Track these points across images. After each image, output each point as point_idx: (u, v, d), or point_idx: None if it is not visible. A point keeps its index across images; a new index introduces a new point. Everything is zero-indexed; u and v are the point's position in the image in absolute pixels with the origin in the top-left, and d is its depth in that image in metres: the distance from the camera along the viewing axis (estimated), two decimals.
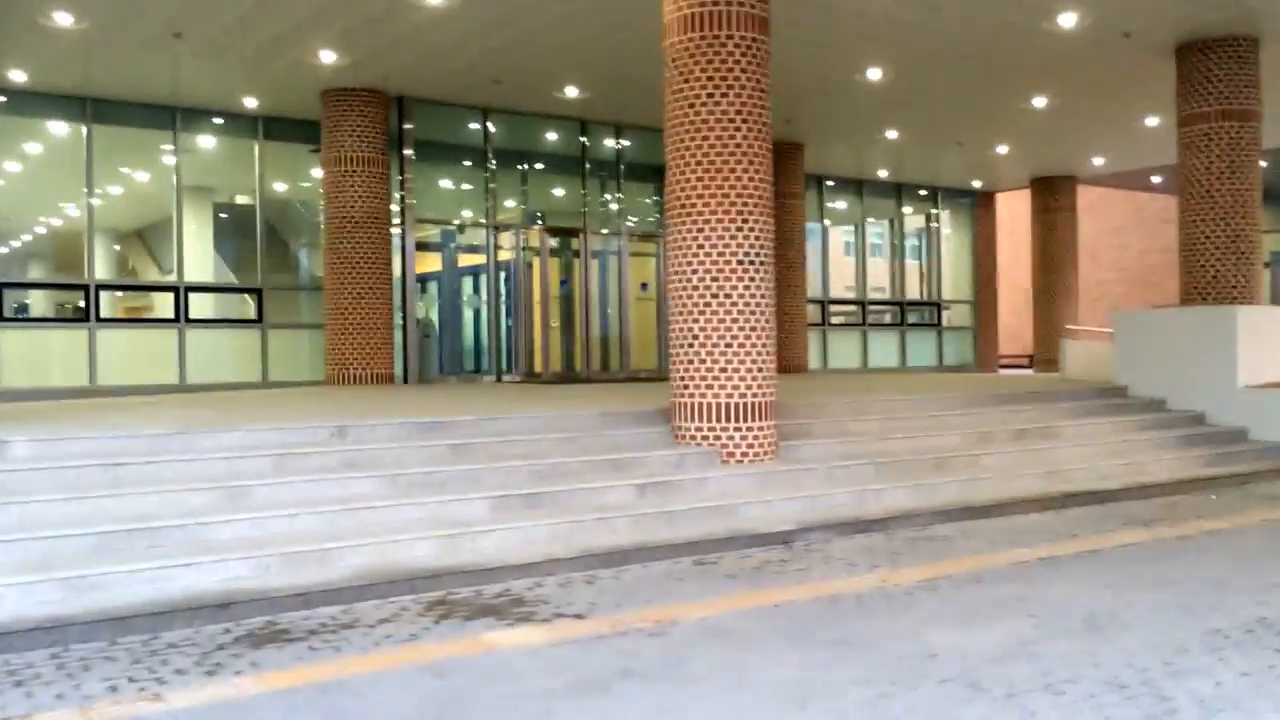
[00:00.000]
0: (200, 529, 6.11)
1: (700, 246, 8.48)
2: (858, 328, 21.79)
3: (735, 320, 8.43)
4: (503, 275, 16.22)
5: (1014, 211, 24.93)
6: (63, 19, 11.01)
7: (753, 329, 8.50)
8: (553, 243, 16.72)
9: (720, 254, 8.44)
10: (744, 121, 8.50)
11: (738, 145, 8.48)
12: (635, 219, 17.76)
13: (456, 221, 16.40)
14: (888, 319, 22.53)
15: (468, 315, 16.92)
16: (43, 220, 17.71)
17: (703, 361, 8.47)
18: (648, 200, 18.39)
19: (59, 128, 14.57)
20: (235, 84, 13.89)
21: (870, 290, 22.33)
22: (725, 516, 7.40)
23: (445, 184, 16.68)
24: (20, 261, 19.16)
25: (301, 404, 10.56)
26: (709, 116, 8.49)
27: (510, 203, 16.49)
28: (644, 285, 17.64)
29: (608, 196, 17.36)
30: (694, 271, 8.51)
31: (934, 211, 23.50)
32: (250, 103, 14.70)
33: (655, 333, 17.63)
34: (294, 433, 7.69)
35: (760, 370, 8.51)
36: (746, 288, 8.46)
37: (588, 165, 17.06)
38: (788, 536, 7.15)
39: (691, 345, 8.54)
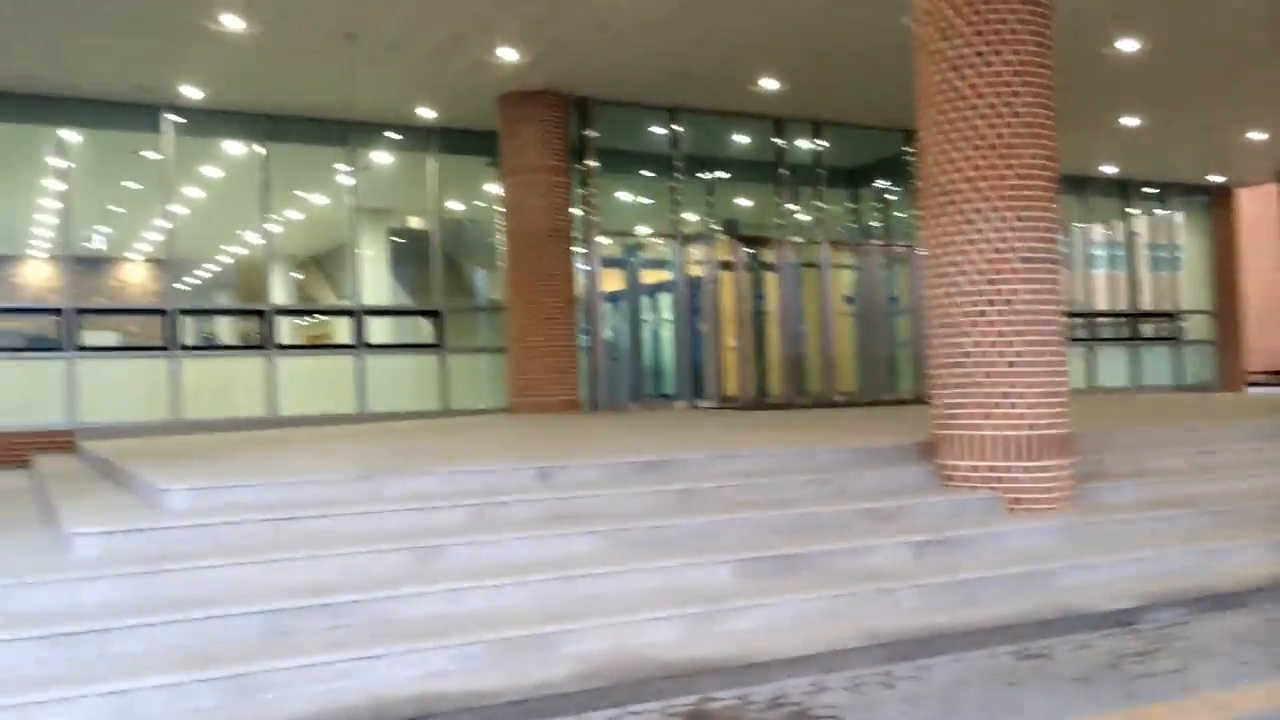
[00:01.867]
0: (387, 605, 4.87)
1: (970, 241, 6.87)
2: (1082, 343, 19.49)
3: (1019, 333, 6.77)
4: (691, 291, 14.86)
5: (1254, 211, 22.10)
6: (231, 22, 10.25)
7: (1042, 343, 6.82)
8: (745, 254, 15.26)
9: (997, 250, 6.81)
10: (1024, 85, 6.88)
11: (1015, 114, 6.86)
12: (835, 227, 16.14)
13: (641, 234, 15.15)
14: (1115, 333, 20.11)
15: (653, 335, 15.63)
16: (223, 248, 17.40)
17: (978, 385, 6.83)
18: (848, 207, 16.75)
19: (236, 148, 14.02)
20: (410, 92, 13.03)
21: (1096, 300, 20.01)
22: (1035, 586, 5.74)
23: (628, 194, 15.48)
24: (204, 291, 19.00)
25: (491, 438, 9.41)
26: (978, 80, 6.90)
27: (697, 214, 15.13)
28: (849, 299, 15.99)
29: (806, 203, 15.80)
30: (962, 273, 6.90)
31: (1165, 211, 20.99)
32: (425, 113, 13.83)
33: (855, 352, 15.96)
34: (489, 476, 6.44)
35: (1052, 394, 6.82)
36: (1033, 292, 6.80)
37: (782, 169, 15.56)
38: (1128, 616, 5.43)
39: (962, 365, 6.91)
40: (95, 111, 12.79)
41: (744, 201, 16.48)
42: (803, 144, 15.70)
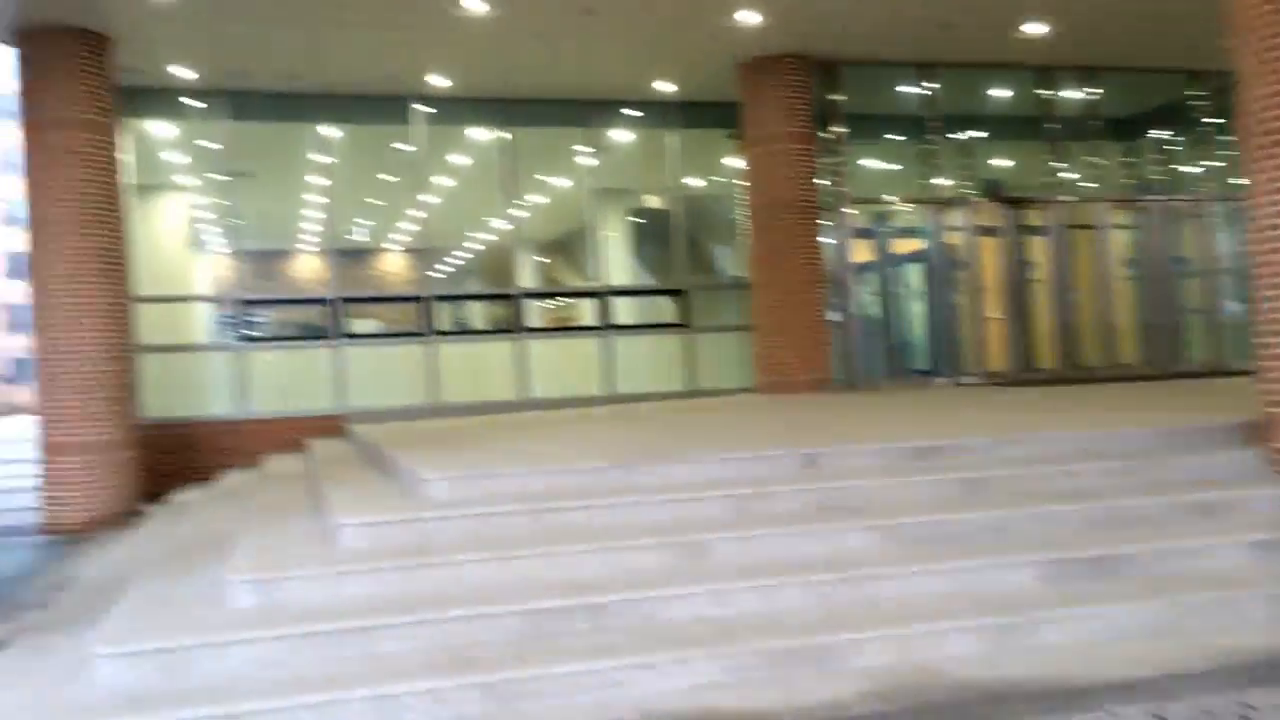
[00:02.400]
0: (650, 605, 4.52)
1: None
2: None
3: None
4: (947, 259, 13.88)
5: None
6: (474, 4, 10.23)
7: None
8: (1007, 218, 14.11)
9: None
10: None
11: None
12: (1110, 184, 14.69)
13: (891, 201, 14.29)
14: None
15: (906, 308, 14.74)
16: (472, 234, 17.78)
17: None
18: (1124, 161, 15.22)
19: (481, 135, 14.20)
20: (647, 66, 12.72)
21: None
22: None
23: (876, 160, 14.63)
24: (457, 277, 19.55)
25: (745, 421, 8.98)
26: None
27: (952, 177, 14.10)
28: (1129, 262, 14.53)
29: (1075, 160, 14.45)
30: None
31: None
32: (663, 87, 13.50)
33: (1136, 320, 14.48)
34: (752, 463, 6.01)
35: None
36: None
37: (1049, 123, 14.27)
38: None
39: None
40: (351, 106, 13.21)
41: (1004, 161, 15.26)
42: (1071, 94, 14.34)
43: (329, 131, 13.35)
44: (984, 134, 14.74)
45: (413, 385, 13.14)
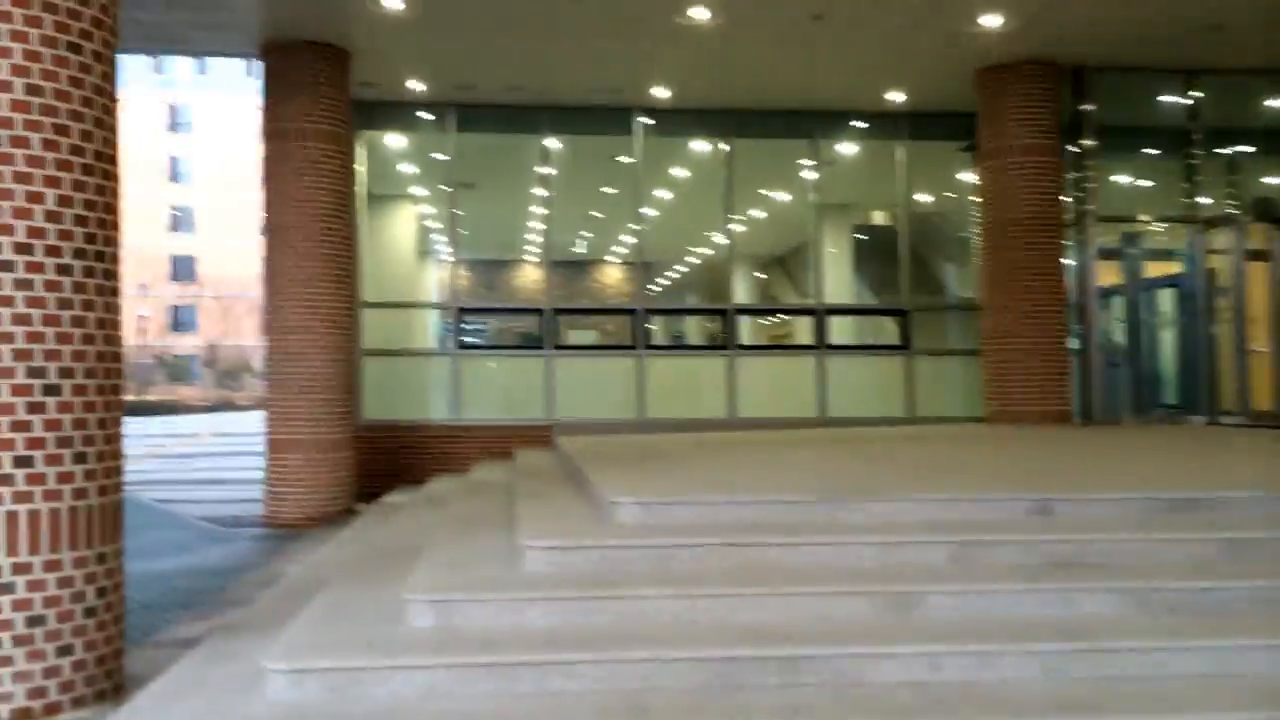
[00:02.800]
0: (850, 663, 4.03)
1: None
2: None
3: None
4: (1207, 285, 12.52)
5: None
6: (699, 13, 9.97)
7: None
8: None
9: None
10: None
11: None
12: None
13: (1145, 220, 13.06)
14: None
15: (1157, 337, 13.44)
16: (690, 248, 17.62)
17: None
18: None
19: (701, 147, 13.97)
20: (876, 74, 12.11)
21: None
22: None
23: (1127, 175, 13.43)
24: (674, 290, 19.46)
25: (969, 455, 8.26)
26: None
27: (1214, 196, 12.73)
28: None
29: None
30: None
31: None
32: (893, 97, 12.84)
33: None
34: (973, 506, 5.39)
35: None
36: None
37: None
38: None
39: None
40: (572, 118, 13.25)
41: (1277, 179, 13.71)
42: None
43: (551, 143, 13.43)
44: (1254, 148, 13.28)
45: (621, 399, 13.00)
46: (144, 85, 58.11)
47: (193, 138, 60.01)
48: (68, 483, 3.97)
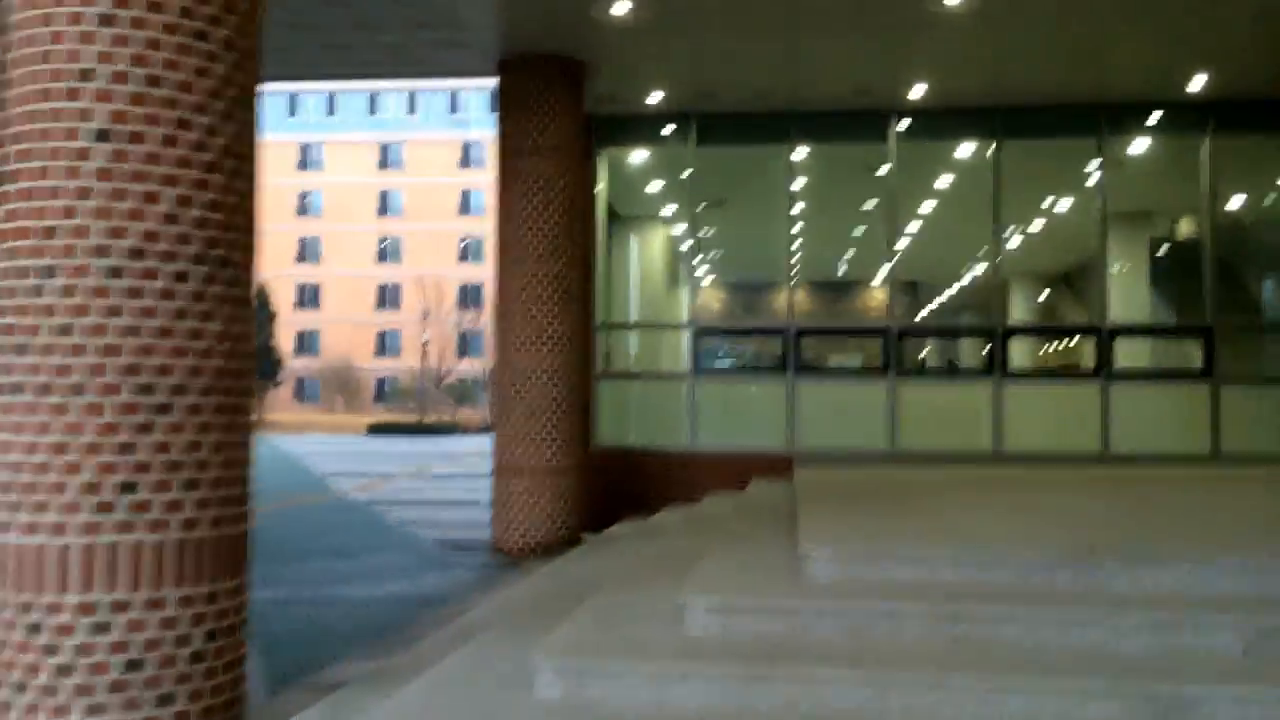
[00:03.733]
0: None
1: None
2: None
3: None
4: None
5: None
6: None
7: None
8: None
9: None
10: None
11: None
12: None
13: None
14: None
15: None
16: (954, 261, 16.25)
17: None
18: None
19: (966, 150, 12.72)
20: (1176, 55, 10.47)
21: None
22: None
23: None
24: (940, 310, 18.04)
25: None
26: None
27: None
28: None
29: None
30: None
31: None
32: (1197, 83, 11.09)
33: None
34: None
35: None
36: None
37: None
38: None
39: None
40: (823, 124, 12.36)
41: None
42: None
43: (800, 153, 12.60)
44: None
45: (871, 428, 11.93)
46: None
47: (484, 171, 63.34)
48: (176, 512, 3.62)
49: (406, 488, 17.22)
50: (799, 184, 12.66)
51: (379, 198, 63.99)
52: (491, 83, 10.90)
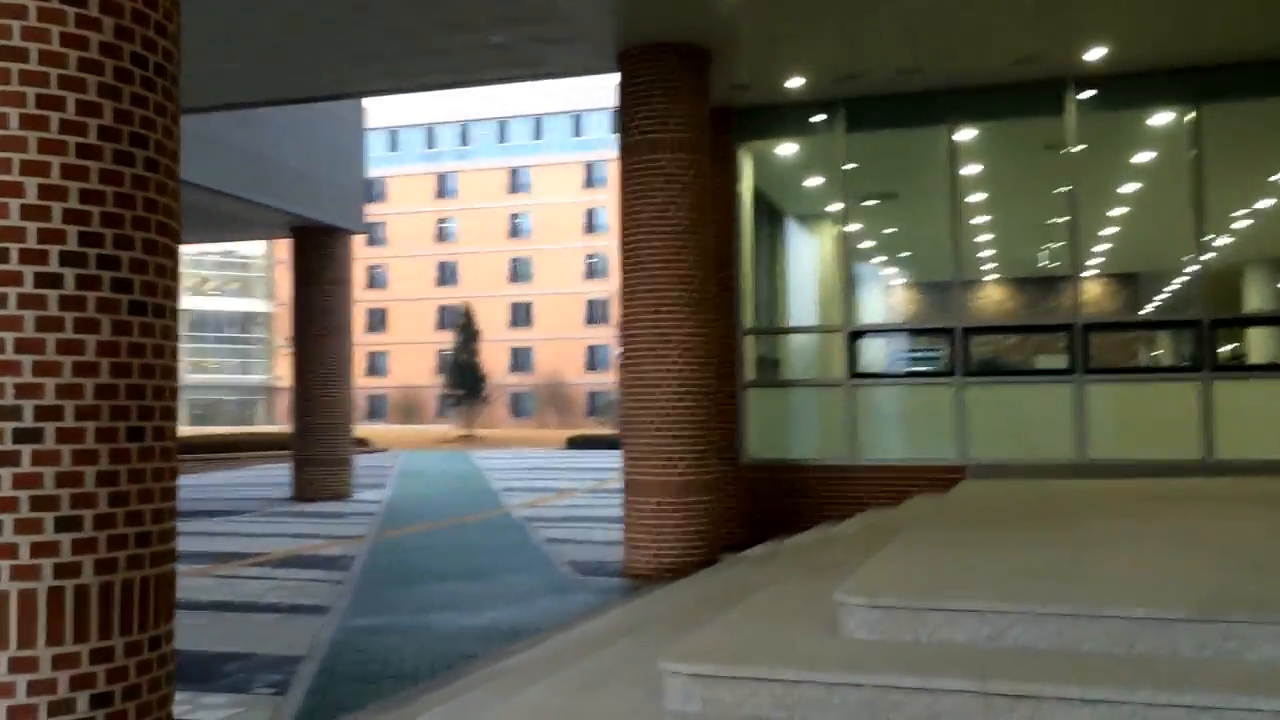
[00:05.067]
0: None
1: None
2: None
3: None
4: None
5: None
6: None
7: None
8: None
9: None
10: None
11: None
12: None
13: None
14: None
15: None
16: (1144, 248, 14.42)
17: None
18: None
19: (1159, 119, 11.11)
20: None
21: None
22: None
23: None
24: (1122, 300, 16.15)
25: None
26: None
27: None
28: None
29: None
30: None
31: None
32: None
33: None
34: None
35: None
36: None
37: None
38: None
39: None
40: (987, 100, 11.06)
41: None
42: None
43: (964, 135, 11.33)
44: None
45: (1054, 435, 10.55)
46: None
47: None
48: (48, 556, 3.11)
49: (574, 504, 16.85)
50: (966, 169, 11.39)
51: (508, 220, 67.60)
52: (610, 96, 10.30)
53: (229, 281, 71.04)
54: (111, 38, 3.31)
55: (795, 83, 10.82)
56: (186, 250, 67.44)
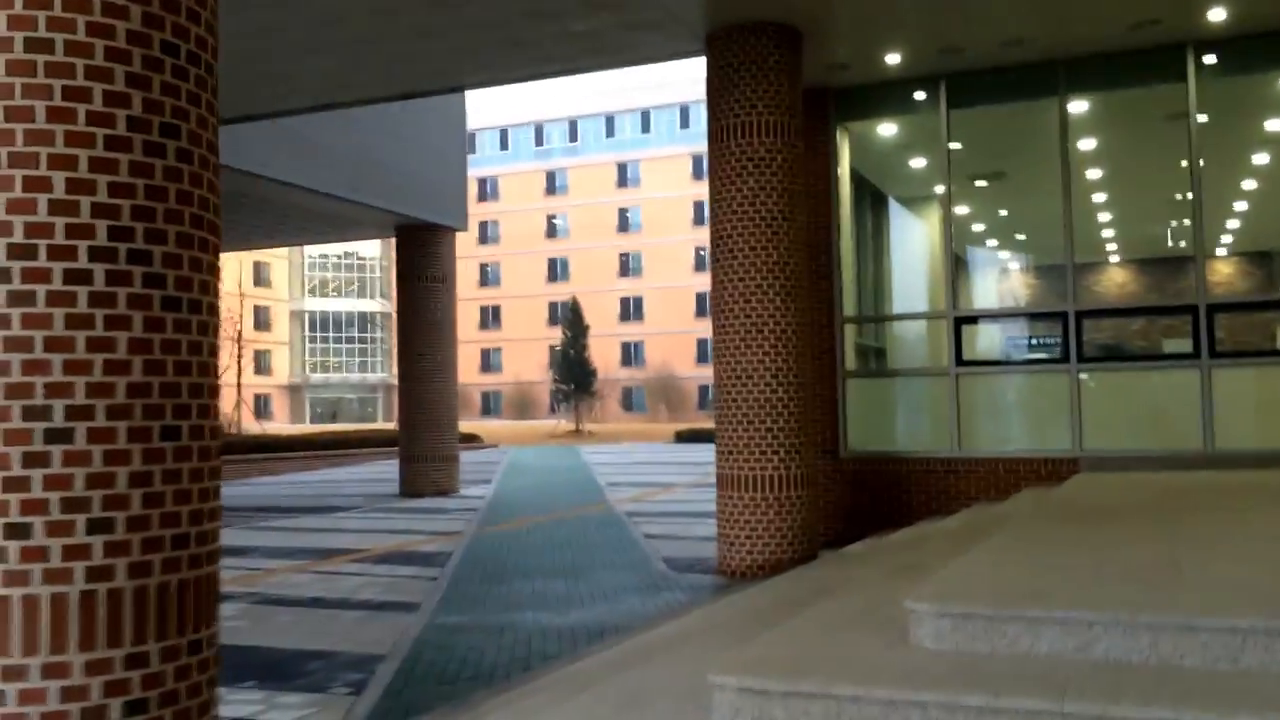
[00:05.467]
0: None
1: None
2: None
3: None
4: None
5: None
6: None
7: None
8: None
9: None
10: None
11: None
12: None
13: None
14: None
15: None
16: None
17: None
18: None
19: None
20: None
21: None
22: None
23: None
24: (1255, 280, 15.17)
25: None
26: None
27: None
28: None
29: None
30: None
31: None
32: None
33: None
34: None
35: None
36: None
37: None
38: None
39: None
40: (1100, 69, 10.42)
41: None
42: None
43: (1077, 107, 10.71)
44: None
45: (1179, 424, 9.91)
46: None
47: None
48: (80, 559, 3.05)
49: (677, 499, 16.66)
50: (1080, 144, 10.79)
51: (618, 215, 67.76)
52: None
53: (348, 283, 73.01)
54: (140, 26, 3.23)
55: (893, 59, 10.39)
56: (310, 253, 70.05)
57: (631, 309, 66.23)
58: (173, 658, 3.22)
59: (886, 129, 11.89)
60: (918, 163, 12.24)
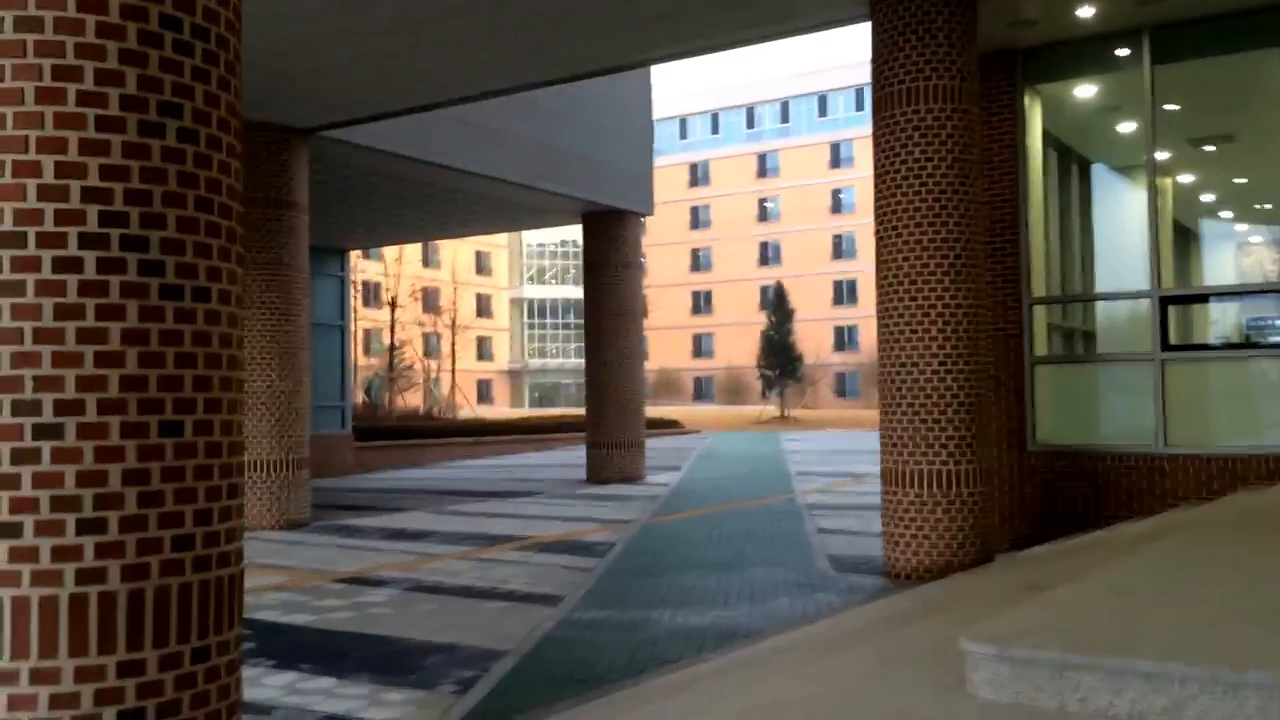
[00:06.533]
0: None
1: None
2: None
3: None
4: None
5: None
6: None
7: None
8: None
9: None
10: None
11: None
12: None
13: None
14: None
15: None
16: None
17: None
18: None
19: None
20: None
21: None
22: None
23: None
24: None
25: None
26: None
27: None
28: None
29: None
30: None
31: None
32: None
33: None
34: None
35: None
36: None
37: None
38: None
39: None
40: None
41: None
42: None
43: None
44: None
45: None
46: None
47: None
48: (70, 561, 2.91)
49: (866, 490, 15.89)
50: None
51: (830, 196, 66.85)
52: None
53: (565, 269, 74.72)
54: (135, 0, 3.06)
55: (1085, 12, 9.34)
56: (528, 240, 72.17)
57: (845, 292, 64.67)
58: (173, 666, 3.04)
59: (1085, 90, 10.77)
60: (1126, 127, 11.03)
